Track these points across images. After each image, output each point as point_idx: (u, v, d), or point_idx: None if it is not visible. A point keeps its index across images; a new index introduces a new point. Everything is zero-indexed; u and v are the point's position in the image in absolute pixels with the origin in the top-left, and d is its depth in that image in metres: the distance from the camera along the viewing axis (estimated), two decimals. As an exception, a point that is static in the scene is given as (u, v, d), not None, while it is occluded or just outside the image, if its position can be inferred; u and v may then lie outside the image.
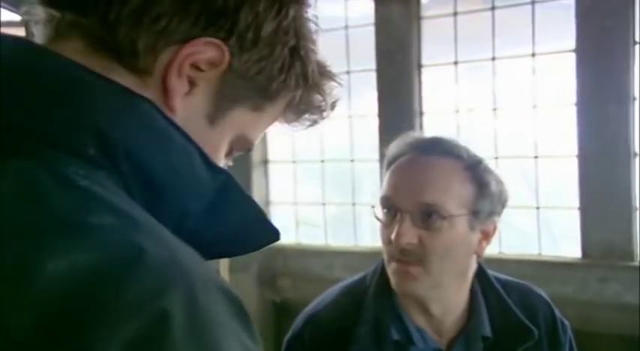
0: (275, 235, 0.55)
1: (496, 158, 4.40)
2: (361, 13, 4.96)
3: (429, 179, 1.07)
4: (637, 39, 3.91)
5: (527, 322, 1.11)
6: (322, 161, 5.33)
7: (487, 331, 1.10)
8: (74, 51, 0.51)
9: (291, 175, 5.38)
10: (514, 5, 4.50)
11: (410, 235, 1.04)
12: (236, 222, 0.53)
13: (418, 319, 1.13)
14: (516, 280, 1.22)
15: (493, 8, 4.54)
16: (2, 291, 0.38)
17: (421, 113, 4.83)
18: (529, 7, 4.38)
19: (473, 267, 1.14)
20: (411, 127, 4.77)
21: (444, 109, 4.82)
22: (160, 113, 0.51)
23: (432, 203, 1.05)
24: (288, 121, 0.63)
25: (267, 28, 0.53)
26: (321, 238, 5.13)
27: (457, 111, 4.77)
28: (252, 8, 0.52)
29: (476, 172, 1.09)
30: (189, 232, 0.48)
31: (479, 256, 1.13)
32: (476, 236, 1.08)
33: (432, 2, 4.82)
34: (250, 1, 0.52)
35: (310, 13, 0.58)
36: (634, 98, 3.72)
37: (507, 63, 4.54)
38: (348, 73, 5.10)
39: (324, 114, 0.62)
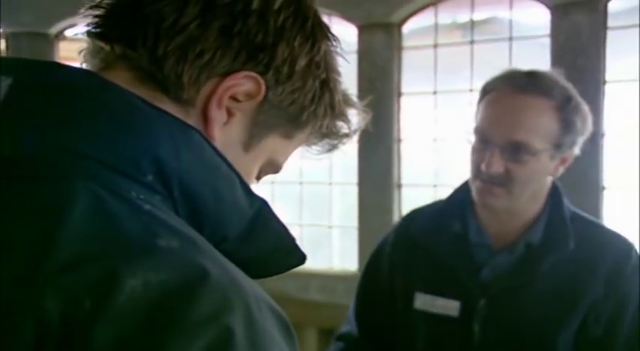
0: (302, 259, 0.58)
1: (471, 187, 4.51)
2: (344, 41, 5.07)
3: (520, 118, 1.15)
4: (607, 78, 4.10)
5: (570, 235, 1.19)
6: (300, 183, 5.39)
7: (535, 239, 1.22)
8: (123, 81, 0.54)
9: (268, 196, 5.41)
10: (492, 40, 4.67)
11: (498, 165, 1.15)
12: (268, 246, 0.56)
13: (485, 221, 1.27)
14: (604, 226, 1.29)
15: (472, 42, 4.71)
16: (86, 305, 0.42)
17: (399, 140, 4.94)
18: (507, 43, 4.55)
19: (547, 187, 1.27)
20: (389, 153, 4.88)
21: (422, 136, 4.94)
22: (209, 143, 0.54)
23: (521, 141, 1.14)
24: (309, 145, 0.66)
25: (301, 62, 0.56)
26: (297, 260, 5.16)
27: (435, 139, 4.89)
28: (289, 44, 0.56)
29: (564, 111, 1.17)
30: (224, 254, 0.51)
31: (553, 176, 1.25)
32: (554, 163, 1.21)
33: (413, 33, 4.97)
34: (287, 37, 0.56)
35: (338, 47, 0.62)
36: (603, 134, 3.88)
37: (484, 95, 4.69)
38: (329, 97, 5.21)
39: (346, 140, 0.66)
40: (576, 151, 1.22)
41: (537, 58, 4.24)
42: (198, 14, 0.53)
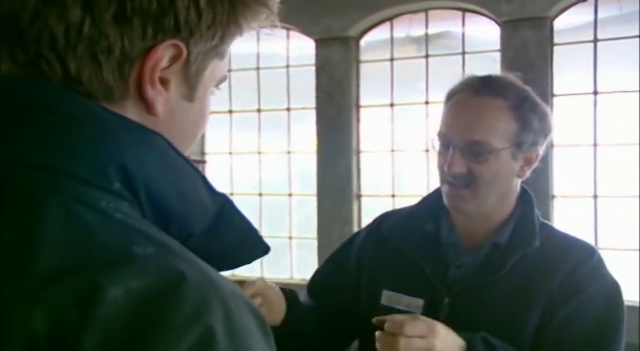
0: (266, 250, 0.59)
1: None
2: (302, 53, 5.15)
3: (478, 118, 1.19)
4: (554, 92, 4.28)
5: (535, 235, 1.22)
6: (259, 194, 5.41)
7: (502, 240, 1.25)
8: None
9: (228, 208, 5.40)
10: (446, 54, 4.81)
11: (460, 165, 1.19)
12: (233, 240, 0.57)
13: (457, 222, 1.30)
14: (570, 235, 1.30)
15: (427, 56, 4.84)
16: (71, 318, 0.42)
17: (358, 151, 5.02)
18: (459, 57, 4.70)
19: (515, 190, 1.29)
20: (348, 165, 4.95)
21: (380, 148, 5.04)
22: (170, 146, 0.55)
23: (479, 140, 1.18)
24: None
25: (203, 1, 0.54)
26: (257, 271, 5.17)
27: (392, 150, 4.99)
28: None
29: (521, 110, 1.20)
30: (191, 250, 0.51)
31: (520, 177, 1.27)
32: (518, 163, 1.23)
33: (369, 47, 5.07)
34: None
35: None
36: (552, 145, 4.04)
37: (440, 107, 4.81)
38: (288, 109, 5.26)
39: (272, 18, 0.61)
40: (540, 151, 1.26)
41: (488, 71, 4.37)
42: (84, 14, 0.51)
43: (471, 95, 1.21)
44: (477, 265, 1.25)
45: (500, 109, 1.19)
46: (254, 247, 0.58)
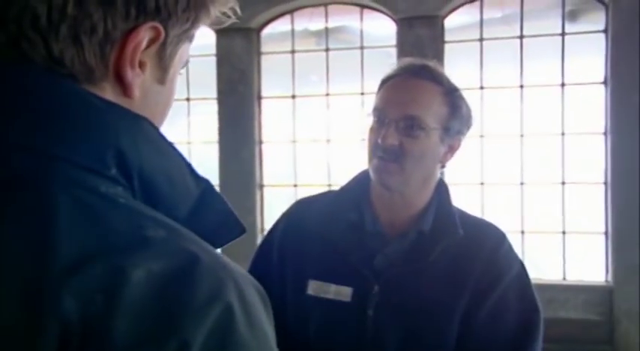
0: (243, 230, 0.60)
1: (329, 185, 4.78)
2: (202, 43, 5.10)
3: (415, 96, 1.27)
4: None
5: (457, 223, 1.31)
6: (160, 186, 5.29)
7: (426, 227, 1.32)
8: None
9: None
10: (345, 48, 4.98)
11: (393, 138, 1.25)
12: (214, 222, 0.58)
13: (380, 210, 1.35)
14: (479, 218, 1.42)
15: (327, 49, 4.98)
16: (99, 302, 0.43)
17: (260, 142, 5.07)
18: (358, 51, 4.89)
19: (436, 176, 1.37)
20: (251, 155, 5.00)
21: (281, 139, 5.12)
22: (157, 130, 0.56)
23: (414, 115, 1.25)
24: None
25: None
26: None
27: (294, 141, 5.10)
28: None
29: (452, 97, 1.30)
30: None
31: (442, 165, 1.36)
32: (443, 148, 1.31)
33: (270, 39, 5.12)
34: None
35: None
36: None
37: (340, 99, 4.99)
38: (187, 100, 5.20)
39: (233, 6, 0.63)
40: (462, 141, 1.35)
41: (385, 66, 4.59)
42: None
43: (410, 77, 1.29)
44: (403, 253, 1.30)
45: (435, 93, 1.28)
46: (232, 228, 0.59)
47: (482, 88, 4.61)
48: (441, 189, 1.38)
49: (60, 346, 0.43)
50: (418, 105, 1.26)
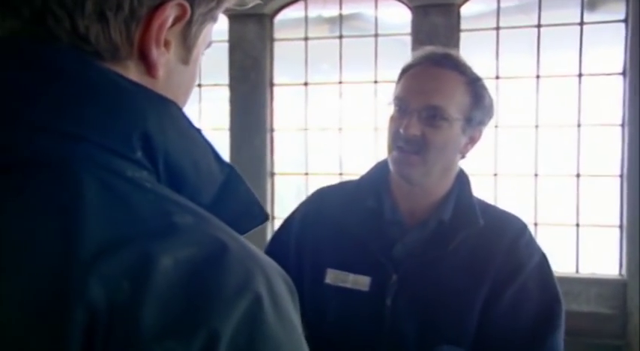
0: (266, 218, 0.59)
1: (340, 174, 4.75)
2: (215, 29, 5.04)
3: (438, 86, 1.24)
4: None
5: (478, 213, 1.30)
6: (170, 173, 5.28)
7: (446, 216, 1.30)
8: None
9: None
10: (359, 36, 4.93)
11: (415, 128, 1.23)
12: (239, 208, 0.57)
13: (399, 198, 1.34)
14: (500, 208, 1.39)
15: (341, 37, 4.93)
16: (126, 288, 0.42)
17: (272, 129, 5.04)
18: (372, 39, 4.84)
19: (457, 166, 1.35)
20: (262, 143, 4.97)
21: (293, 126, 5.08)
22: (183, 114, 0.54)
23: (437, 105, 1.23)
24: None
25: None
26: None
27: (306, 129, 5.06)
28: None
29: (475, 87, 1.28)
30: None
31: (463, 156, 1.34)
32: (465, 139, 1.30)
33: (283, 25, 5.08)
34: None
35: None
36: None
37: (352, 87, 4.95)
38: (199, 86, 5.17)
39: None
40: (482, 133, 1.34)
41: (400, 54, 4.56)
42: None
43: (432, 66, 1.27)
44: (423, 242, 1.28)
45: (458, 82, 1.25)
46: (256, 215, 0.59)
47: (497, 77, 4.55)
48: (462, 179, 1.36)
49: (86, 336, 0.41)
50: (441, 95, 1.23)
